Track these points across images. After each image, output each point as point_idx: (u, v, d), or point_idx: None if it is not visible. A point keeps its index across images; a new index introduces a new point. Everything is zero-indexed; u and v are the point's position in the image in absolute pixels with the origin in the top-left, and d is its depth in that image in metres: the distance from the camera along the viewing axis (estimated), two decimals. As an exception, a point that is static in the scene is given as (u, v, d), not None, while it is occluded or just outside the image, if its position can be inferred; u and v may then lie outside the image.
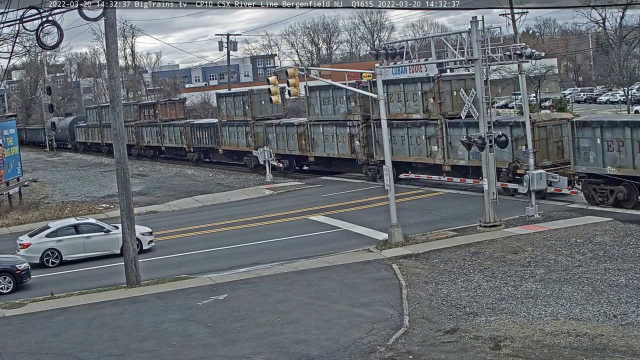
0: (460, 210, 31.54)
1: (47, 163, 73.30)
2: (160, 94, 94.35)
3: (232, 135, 52.63)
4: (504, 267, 22.11)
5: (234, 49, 76.72)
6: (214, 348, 17.07)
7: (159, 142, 64.59)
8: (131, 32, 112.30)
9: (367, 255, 25.27)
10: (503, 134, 28.69)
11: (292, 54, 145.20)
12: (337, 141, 43.34)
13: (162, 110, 65.17)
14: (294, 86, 28.02)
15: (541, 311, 17.99)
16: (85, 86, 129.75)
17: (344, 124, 42.75)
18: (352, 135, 42.04)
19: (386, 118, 27.81)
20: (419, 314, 18.50)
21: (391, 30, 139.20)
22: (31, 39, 38.77)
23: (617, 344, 15.55)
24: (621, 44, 67.78)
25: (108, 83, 24.71)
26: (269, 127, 49.34)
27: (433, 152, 36.79)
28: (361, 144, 41.48)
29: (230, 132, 52.87)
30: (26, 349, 17.99)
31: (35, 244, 27.96)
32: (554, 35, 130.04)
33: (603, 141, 28.84)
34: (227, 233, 31.96)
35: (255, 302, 20.45)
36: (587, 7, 61.66)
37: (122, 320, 19.85)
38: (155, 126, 64.45)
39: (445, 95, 36.20)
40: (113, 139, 24.15)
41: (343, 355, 16.00)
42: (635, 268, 20.82)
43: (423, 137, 37.25)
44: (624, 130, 28.07)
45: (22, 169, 47.23)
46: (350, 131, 42.23)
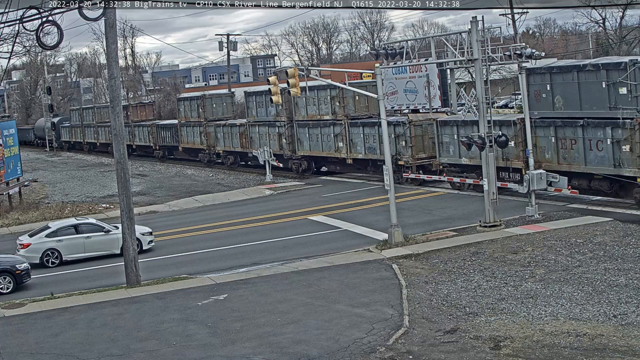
0: (460, 210, 31.55)
1: (47, 163, 73.32)
2: (160, 94, 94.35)
3: (189, 135, 59.69)
4: (504, 267, 22.12)
5: (234, 49, 76.70)
6: (214, 348, 17.07)
7: (131, 140, 69.24)
8: (131, 32, 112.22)
9: (367, 255, 25.27)
10: (503, 134, 28.73)
11: (292, 54, 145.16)
12: (269, 139, 49.70)
13: (134, 111, 70.96)
14: (294, 86, 28.02)
15: (541, 311, 18.00)
16: (85, 86, 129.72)
17: (273, 125, 49.20)
18: (280, 134, 48.47)
19: (385, 118, 27.82)
20: (419, 314, 18.51)
21: (391, 30, 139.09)
22: (31, 39, 38.84)
23: (617, 344, 15.55)
24: (621, 44, 67.73)
25: (108, 83, 24.71)
26: (218, 127, 56.04)
27: (339, 147, 43.62)
28: (287, 142, 47.86)
29: (187, 131, 59.93)
30: (26, 349, 17.99)
31: (35, 244, 27.97)
32: (554, 35, 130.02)
33: (459, 137, 34.16)
34: (227, 233, 31.97)
35: (255, 302, 20.45)
36: (587, 7, 61.57)
37: (122, 320, 19.85)
38: (128, 126, 67.93)
39: (348, 100, 42.96)
40: (113, 139, 24.15)
41: (343, 355, 16.00)
42: (635, 268, 20.82)
43: (332, 135, 43.99)
44: (472, 127, 33.01)
45: (22, 169, 47.27)
46: (278, 130, 48.64)
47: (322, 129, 44.84)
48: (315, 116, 45.51)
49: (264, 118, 50.43)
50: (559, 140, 30.62)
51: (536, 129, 31.21)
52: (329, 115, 44.02)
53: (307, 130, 46.20)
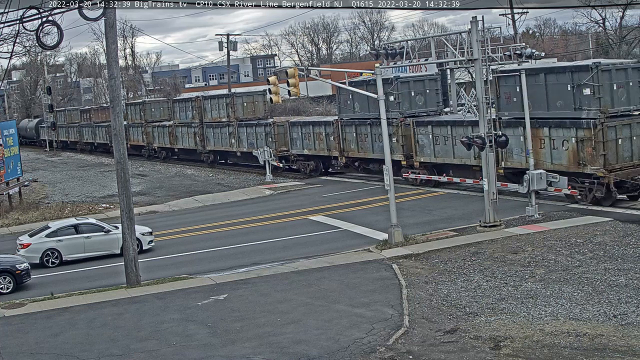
0: (460, 210, 31.55)
1: (47, 163, 73.33)
2: (160, 94, 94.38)
3: (134, 134, 70.87)
4: (504, 267, 22.12)
5: (233, 49, 76.66)
6: (214, 348, 17.07)
7: (93, 139, 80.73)
8: (131, 32, 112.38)
9: (367, 255, 25.27)
10: (503, 134, 28.74)
11: (292, 54, 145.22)
12: (188, 137, 60.53)
13: (95, 114, 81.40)
14: (294, 86, 28.01)
15: (541, 311, 18.00)
16: (85, 86, 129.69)
17: (190, 125, 59.87)
18: (195, 133, 59.10)
19: (385, 118, 27.81)
20: (419, 314, 18.51)
21: (391, 30, 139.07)
22: (31, 39, 38.78)
23: (617, 344, 15.55)
24: (621, 44, 67.70)
25: (108, 83, 24.71)
26: (154, 127, 66.79)
27: (232, 143, 54.13)
28: (199, 139, 58.46)
29: (133, 131, 70.63)
30: (26, 349, 17.99)
31: (35, 244, 27.96)
32: (554, 35, 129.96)
33: (303, 134, 46.91)
34: (227, 233, 31.96)
35: (255, 302, 20.45)
36: (587, 7, 61.58)
37: (122, 320, 19.85)
38: (90, 127, 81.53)
39: (237, 106, 54.04)
40: (113, 139, 24.16)
41: (343, 355, 16.00)
42: (635, 268, 20.82)
43: (227, 133, 54.59)
44: (312, 127, 46.24)
45: (22, 169, 47.25)
46: (194, 130, 59.34)
47: (221, 129, 55.64)
48: (217, 119, 56.22)
49: (185, 120, 60.72)
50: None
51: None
52: (225, 118, 54.87)
53: (212, 130, 56.97)
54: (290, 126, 48.20)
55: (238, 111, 53.75)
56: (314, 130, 46.22)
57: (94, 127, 79.92)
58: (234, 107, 53.89)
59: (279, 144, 48.91)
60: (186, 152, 62.35)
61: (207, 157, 58.34)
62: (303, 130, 47.18)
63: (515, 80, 31.81)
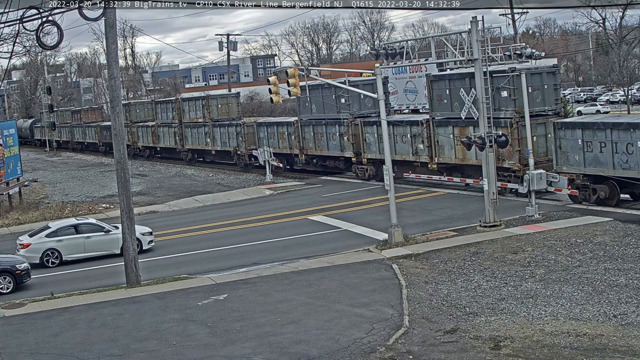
0: (460, 210, 31.54)
1: (47, 163, 73.35)
2: (161, 94, 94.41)
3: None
4: (504, 267, 22.12)
5: (233, 49, 76.73)
6: (214, 348, 17.07)
7: (83, 138, 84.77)
8: (131, 32, 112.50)
9: (367, 255, 25.27)
10: (503, 134, 28.73)
11: (292, 54, 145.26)
12: (168, 137, 64.76)
13: (85, 115, 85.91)
14: (294, 86, 28.01)
15: (541, 311, 18.00)
16: (85, 86, 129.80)
17: (171, 125, 63.86)
18: (175, 132, 63.05)
19: (385, 118, 27.82)
20: (419, 314, 18.51)
21: (391, 30, 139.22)
22: (31, 39, 38.79)
23: (617, 344, 15.55)
24: (621, 44, 67.74)
25: (108, 83, 24.71)
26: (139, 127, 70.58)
27: (208, 142, 58.07)
28: (179, 138, 62.32)
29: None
30: (26, 349, 17.99)
31: (35, 244, 27.96)
32: (554, 35, 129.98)
33: (268, 134, 50.46)
34: (227, 233, 31.96)
35: (255, 302, 20.45)
36: (587, 7, 61.67)
37: (122, 320, 19.85)
38: (80, 127, 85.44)
39: (212, 107, 57.75)
40: (113, 139, 24.17)
41: (343, 355, 16.00)
42: (635, 268, 20.82)
43: (204, 133, 58.51)
44: (276, 127, 50.06)
45: (22, 169, 47.25)
46: (174, 130, 63.17)
47: (198, 129, 59.46)
48: (194, 119, 59.99)
49: (166, 121, 64.57)
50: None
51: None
52: (202, 119, 58.61)
53: (190, 130, 60.86)
54: (258, 126, 52.06)
55: (213, 112, 57.74)
56: (277, 130, 49.76)
57: (84, 127, 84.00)
58: (209, 109, 57.76)
59: (249, 142, 52.70)
60: (167, 151, 66.21)
61: (185, 155, 62.30)
62: (268, 130, 50.77)
63: (445, 84, 35.42)
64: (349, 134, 42.68)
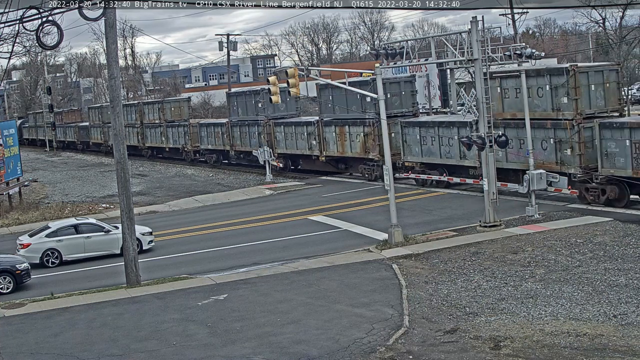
0: (460, 210, 31.54)
1: (47, 163, 73.36)
2: (161, 94, 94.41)
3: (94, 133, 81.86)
4: (504, 267, 22.12)
5: (233, 49, 76.60)
6: (214, 348, 17.07)
7: (64, 137, 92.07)
8: (131, 32, 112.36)
9: (367, 255, 25.27)
10: (503, 134, 28.73)
11: (292, 54, 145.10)
12: (132, 136, 70.34)
13: (67, 116, 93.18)
14: (294, 86, 28.00)
15: (541, 311, 18.00)
16: (85, 86, 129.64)
17: (134, 126, 70.17)
18: (137, 132, 69.66)
19: (384, 119, 27.83)
20: (419, 314, 18.51)
21: (391, 30, 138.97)
22: (31, 39, 38.81)
23: (617, 344, 15.55)
24: (621, 44, 67.66)
25: (108, 83, 24.71)
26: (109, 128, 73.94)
27: (163, 140, 65.33)
28: (140, 138, 69.66)
29: (93, 131, 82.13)
30: (26, 349, 18.00)
31: (35, 244, 27.96)
32: (554, 35, 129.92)
33: (207, 133, 57.68)
34: (227, 233, 31.96)
35: (255, 302, 20.45)
36: (587, 7, 61.46)
37: (122, 320, 19.85)
38: (62, 127, 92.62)
39: (166, 110, 65.23)
40: (113, 139, 24.16)
41: (343, 355, 16.00)
42: (635, 268, 20.82)
43: (159, 133, 65.72)
44: (213, 127, 57.11)
45: (22, 169, 47.24)
46: (136, 130, 69.90)
47: (155, 129, 67.09)
48: (152, 120, 67.15)
49: (131, 122, 69.89)
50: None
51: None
52: (158, 120, 65.92)
53: (149, 130, 68.10)
54: (200, 126, 59.56)
55: (167, 114, 65.25)
56: (214, 130, 57.12)
57: (65, 127, 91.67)
58: (163, 112, 65.37)
59: (194, 140, 60.56)
60: (132, 149, 70.79)
61: (146, 152, 69.55)
62: (207, 130, 58.13)
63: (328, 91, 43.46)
64: (265, 132, 50.19)
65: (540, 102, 31.49)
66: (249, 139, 52.82)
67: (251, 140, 52.41)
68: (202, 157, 60.38)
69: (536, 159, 30.10)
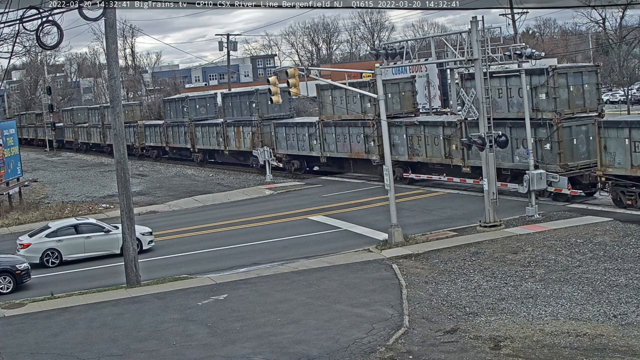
0: (460, 210, 31.55)
1: (47, 163, 73.35)
2: (161, 94, 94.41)
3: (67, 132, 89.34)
4: (504, 267, 22.12)
5: (233, 49, 76.64)
6: (214, 348, 17.08)
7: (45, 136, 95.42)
8: (131, 32, 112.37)
9: (367, 255, 25.27)
10: (503, 134, 28.73)
11: (292, 54, 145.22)
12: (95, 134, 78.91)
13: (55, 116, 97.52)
14: (294, 86, 28.00)
15: (541, 311, 18.00)
16: (85, 86, 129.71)
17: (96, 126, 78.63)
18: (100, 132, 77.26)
19: (385, 119, 27.83)
20: (419, 314, 18.51)
21: (391, 30, 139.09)
22: (31, 39, 38.84)
23: (617, 344, 15.56)
24: (621, 44, 67.67)
25: (108, 83, 24.71)
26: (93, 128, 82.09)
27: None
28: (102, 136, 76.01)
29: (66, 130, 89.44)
30: (26, 349, 18.00)
31: (35, 244, 27.95)
32: (554, 35, 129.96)
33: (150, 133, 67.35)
34: (227, 233, 31.96)
35: (255, 302, 20.45)
36: (587, 7, 61.54)
37: (122, 320, 19.86)
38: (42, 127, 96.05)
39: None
40: (113, 139, 24.16)
41: (343, 355, 16.00)
42: (635, 268, 20.83)
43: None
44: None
45: (22, 169, 47.23)
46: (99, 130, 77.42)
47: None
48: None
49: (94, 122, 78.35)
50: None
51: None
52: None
53: (109, 130, 70.61)
54: (145, 127, 69.09)
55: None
56: (155, 130, 66.26)
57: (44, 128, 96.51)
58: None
59: (141, 139, 69.21)
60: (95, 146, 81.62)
61: (107, 149, 73.75)
62: (150, 129, 67.56)
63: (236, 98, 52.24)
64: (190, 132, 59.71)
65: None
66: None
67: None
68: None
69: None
